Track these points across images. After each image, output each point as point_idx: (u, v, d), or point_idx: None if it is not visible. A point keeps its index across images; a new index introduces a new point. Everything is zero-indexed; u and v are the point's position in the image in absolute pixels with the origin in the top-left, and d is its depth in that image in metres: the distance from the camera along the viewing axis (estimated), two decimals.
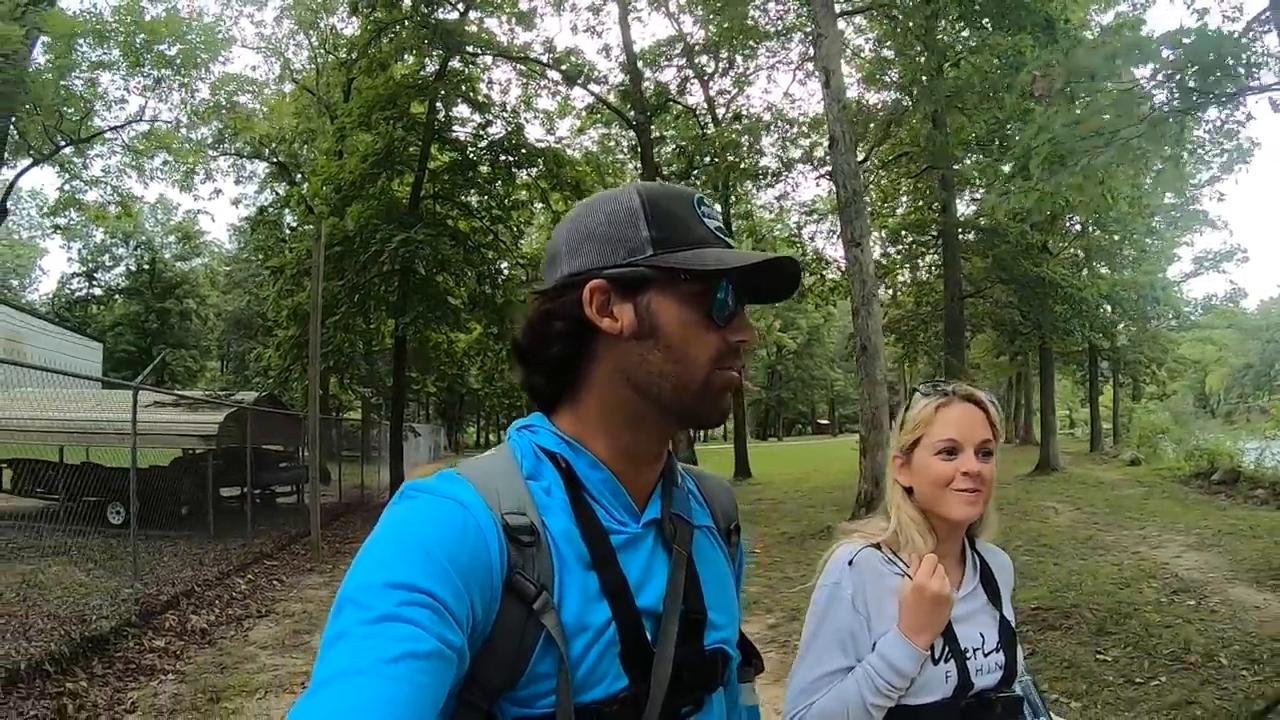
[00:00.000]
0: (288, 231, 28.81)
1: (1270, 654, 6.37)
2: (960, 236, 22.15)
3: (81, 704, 5.68)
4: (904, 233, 26.62)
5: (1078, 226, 24.44)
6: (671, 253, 1.06)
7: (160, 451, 16.09)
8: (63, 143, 12.76)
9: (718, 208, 1.38)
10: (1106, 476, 24.12)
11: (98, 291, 56.83)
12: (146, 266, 54.65)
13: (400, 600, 0.85)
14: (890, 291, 29.22)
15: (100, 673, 6.42)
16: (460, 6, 23.37)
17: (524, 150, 23.88)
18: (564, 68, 24.64)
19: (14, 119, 11.70)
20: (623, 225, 1.08)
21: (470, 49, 23.01)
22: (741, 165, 23.16)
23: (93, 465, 15.67)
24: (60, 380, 13.29)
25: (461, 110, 24.84)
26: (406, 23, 21.51)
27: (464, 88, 23.93)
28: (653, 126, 24.71)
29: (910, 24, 19.86)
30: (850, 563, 1.83)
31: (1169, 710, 5.63)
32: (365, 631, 0.82)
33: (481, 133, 24.68)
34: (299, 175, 26.00)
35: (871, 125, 19.44)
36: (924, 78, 20.00)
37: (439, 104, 23.39)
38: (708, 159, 23.75)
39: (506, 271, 25.15)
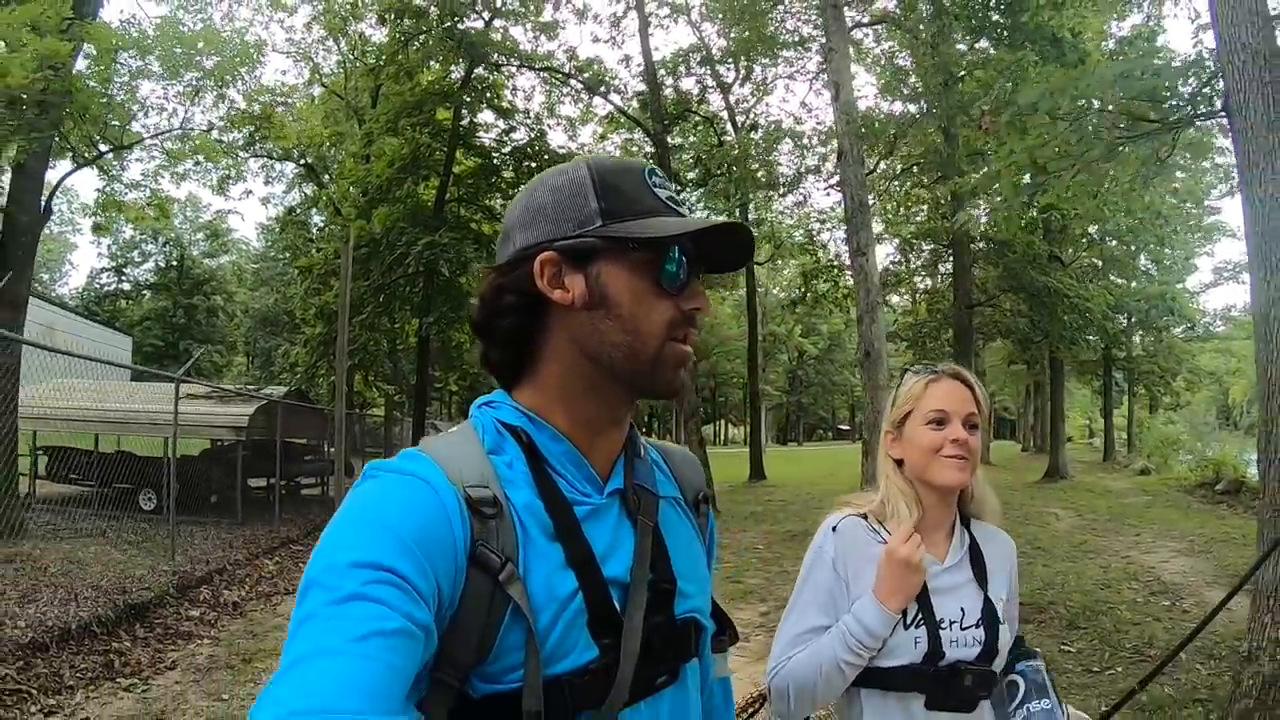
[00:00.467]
0: (315, 232, 29.33)
1: (1229, 651, 6.70)
2: (970, 246, 22.46)
3: (126, 660, 6.36)
4: (916, 241, 26.90)
5: (1091, 237, 24.63)
6: (620, 222, 1.07)
7: (191, 442, 16.63)
8: (105, 148, 13.30)
9: (669, 180, 1.19)
10: (1114, 485, 24.44)
11: (126, 286, 57.50)
12: (175, 263, 55.36)
13: (366, 579, 0.86)
14: (909, 297, 29.51)
15: (142, 636, 7.09)
16: (485, 15, 23.85)
17: (546, 156, 24.16)
18: (585, 76, 25.08)
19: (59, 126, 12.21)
20: (572, 198, 1.09)
21: (495, 57, 23.51)
22: (757, 174, 23.52)
23: (126, 453, 16.33)
24: (97, 371, 13.92)
25: (486, 116, 25.50)
26: (433, 32, 22.00)
27: (488, 94, 24.53)
28: (670, 136, 25.07)
29: (921, 38, 20.27)
30: (834, 529, 1.94)
31: (1117, 697, 6.09)
32: (332, 612, 0.83)
33: (505, 138, 25.23)
34: (327, 177, 26.58)
35: (892, 133, 19.75)
36: (935, 90, 20.37)
37: (464, 110, 23.90)
38: (720, 170, 24.13)
39: None
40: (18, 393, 11.41)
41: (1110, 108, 5.80)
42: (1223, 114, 5.36)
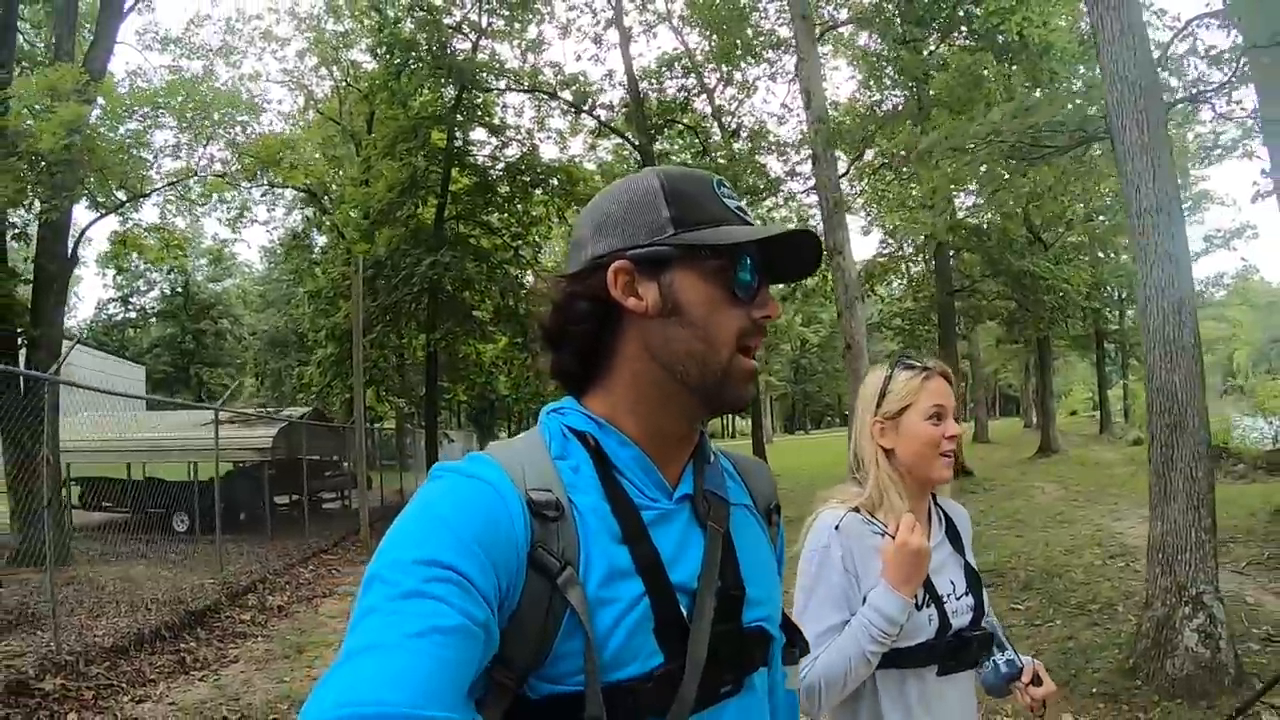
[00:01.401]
0: (319, 254, 30.10)
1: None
2: (949, 234, 23.13)
3: (195, 657, 7.41)
4: (902, 229, 27.50)
5: (1075, 216, 25.13)
6: (692, 230, 1.07)
7: (223, 465, 17.46)
8: (123, 196, 14.16)
9: (734, 191, 1.21)
10: (1105, 457, 25.02)
11: (133, 315, 58.05)
12: (180, 289, 55.81)
13: (426, 576, 0.86)
14: (899, 284, 30.10)
15: (204, 637, 8.13)
16: (473, 36, 24.77)
17: (539, 169, 25.12)
18: (571, 90, 25.82)
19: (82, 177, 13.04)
20: (643, 207, 1.10)
21: (482, 76, 24.36)
22: (748, 178, 24.15)
23: (154, 480, 17.17)
24: (120, 403, 14.64)
25: (479, 134, 26.26)
26: (422, 61, 22.87)
27: (480, 113, 25.29)
28: (656, 145, 25.78)
29: (891, 37, 21.05)
30: (837, 527, 1.99)
31: (1052, 643, 6.95)
32: (392, 607, 0.84)
33: (499, 154, 26.03)
34: (328, 199, 27.35)
35: (868, 132, 20.42)
36: (908, 86, 21.16)
37: (457, 130, 24.70)
38: None
39: (529, 285, 26.03)
40: (58, 429, 12.35)
41: (1007, 140, 6.70)
42: (1106, 136, 6.24)
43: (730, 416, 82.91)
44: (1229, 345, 54.78)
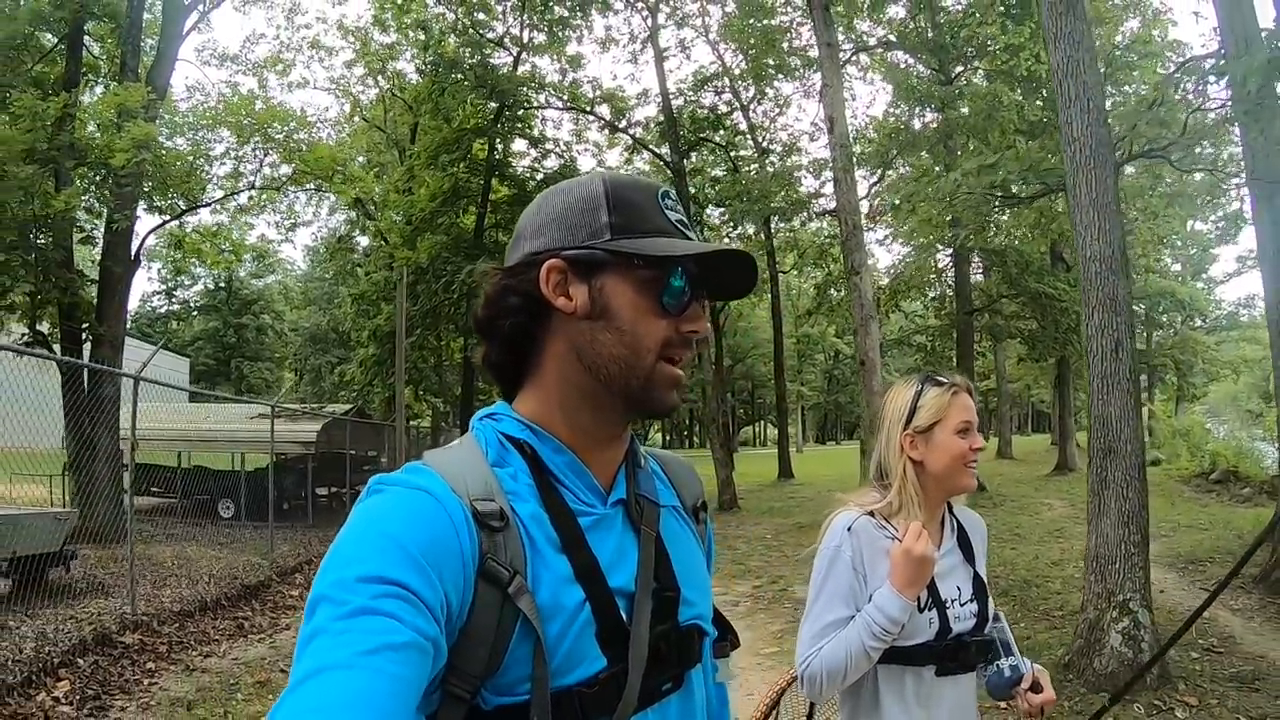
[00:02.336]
0: (363, 256, 31.12)
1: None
2: (969, 255, 23.57)
3: (252, 624, 8.46)
4: (928, 246, 27.97)
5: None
6: (629, 238, 1.08)
7: (262, 457, 18.11)
8: (184, 205, 15.23)
9: (679, 204, 1.21)
10: None
11: (175, 308, 59.22)
12: (223, 284, 56.82)
13: (374, 594, 0.85)
14: (921, 302, 30.52)
15: (258, 608, 9.18)
16: (514, 50, 25.79)
17: None
18: (609, 104, 26.74)
19: (144, 186, 14.10)
20: (584, 210, 1.10)
21: (523, 92, 25.05)
22: (779, 199, 24.68)
23: (201, 468, 18.21)
24: (169, 395, 15.54)
25: (519, 145, 27.19)
26: (465, 78, 23.68)
27: (520, 125, 26.18)
28: (688, 161, 26.53)
29: (920, 59, 21.72)
30: (850, 529, 2.07)
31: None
32: (341, 627, 0.82)
33: (538, 165, 26.89)
34: (373, 206, 28.33)
35: (891, 154, 21.02)
36: (937, 109, 21.78)
37: (497, 142, 25.61)
38: (730, 199, 25.44)
39: None
40: (119, 420, 13.40)
41: (974, 192, 7.49)
42: (1063, 189, 7.00)
43: (765, 426, 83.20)
44: (1263, 368, 54.42)
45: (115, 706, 5.90)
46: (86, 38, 15.76)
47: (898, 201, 9.88)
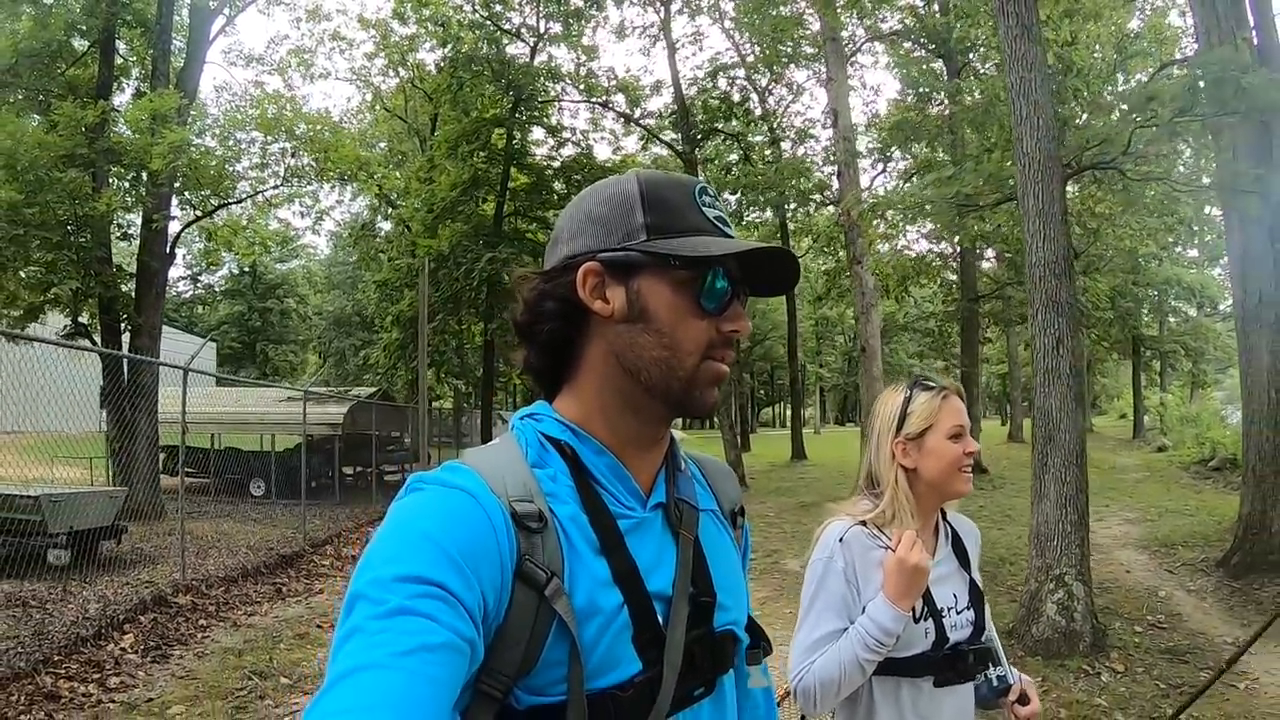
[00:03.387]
0: (385, 242, 31.83)
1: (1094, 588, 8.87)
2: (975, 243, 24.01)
3: (290, 589, 9.43)
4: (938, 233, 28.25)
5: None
6: (665, 239, 1.06)
7: (291, 437, 19.45)
8: (215, 202, 16.07)
9: (719, 200, 1.21)
10: (1124, 462, 25.73)
11: (200, 292, 59.76)
12: (247, 269, 57.26)
13: (411, 593, 0.85)
14: (929, 289, 30.92)
15: (294, 575, 10.16)
16: (531, 40, 26.54)
17: (593, 169, 26.26)
18: (624, 94, 27.41)
19: (177, 185, 14.93)
20: (620, 210, 1.09)
21: (540, 84, 25.89)
22: (795, 188, 25.10)
23: (232, 449, 19.11)
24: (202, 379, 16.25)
25: (536, 133, 27.81)
26: (482, 73, 24.48)
27: (537, 115, 26.82)
28: (699, 150, 27.10)
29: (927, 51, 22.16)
30: (841, 540, 2.04)
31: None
32: (378, 626, 0.82)
33: (555, 154, 27.59)
34: (393, 195, 28.94)
35: (894, 147, 21.44)
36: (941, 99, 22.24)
37: (515, 131, 26.22)
38: (742, 188, 25.96)
39: None
40: (157, 404, 14.34)
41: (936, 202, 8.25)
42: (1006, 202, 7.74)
43: (784, 407, 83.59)
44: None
45: (174, 655, 6.85)
46: (117, 40, 16.47)
47: (868, 208, 10.61)
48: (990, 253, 25.49)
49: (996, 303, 24.41)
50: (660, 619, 1.06)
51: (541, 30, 26.57)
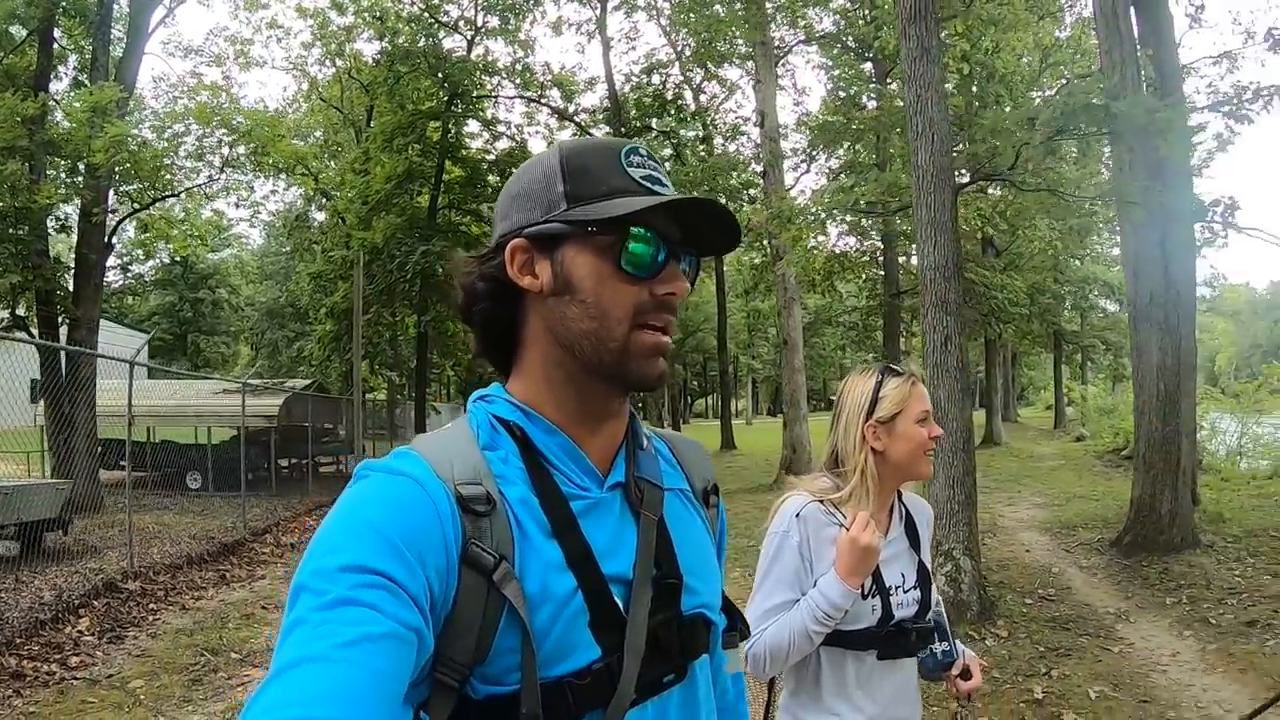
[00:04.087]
0: (319, 233, 31.67)
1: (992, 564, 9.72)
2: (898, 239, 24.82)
3: (234, 575, 9.84)
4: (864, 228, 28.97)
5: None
6: (584, 205, 1.03)
7: (227, 430, 19.39)
8: (153, 195, 16.11)
9: (655, 159, 1.12)
10: (1042, 451, 26.92)
11: (131, 282, 58.53)
12: (179, 259, 56.52)
13: (354, 583, 0.84)
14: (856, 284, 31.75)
15: (236, 562, 10.55)
16: (469, 34, 26.75)
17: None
18: (560, 89, 27.87)
19: (115, 177, 15.04)
20: (542, 184, 1.07)
21: (477, 77, 26.10)
22: (720, 182, 25.59)
23: (169, 442, 19.08)
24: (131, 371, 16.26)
25: (472, 126, 28.05)
26: (419, 68, 24.65)
27: (473, 108, 27.09)
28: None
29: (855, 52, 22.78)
30: (798, 515, 2.11)
31: None
32: (320, 617, 0.81)
33: (490, 147, 27.90)
34: (329, 186, 28.87)
35: (819, 148, 22.10)
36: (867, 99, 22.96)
37: (450, 124, 26.35)
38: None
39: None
40: (95, 399, 14.49)
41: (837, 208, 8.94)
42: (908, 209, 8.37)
43: (712, 399, 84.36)
44: (1206, 350, 56.21)
45: (129, 636, 7.28)
46: (56, 30, 16.44)
47: (770, 217, 11.27)
48: (914, 249, 26.26)
49: (919, 298, 25.18)
50: (620, 603, 1.04)
51: (479, 24, 26.82)
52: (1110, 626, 7.78)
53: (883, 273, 25.57)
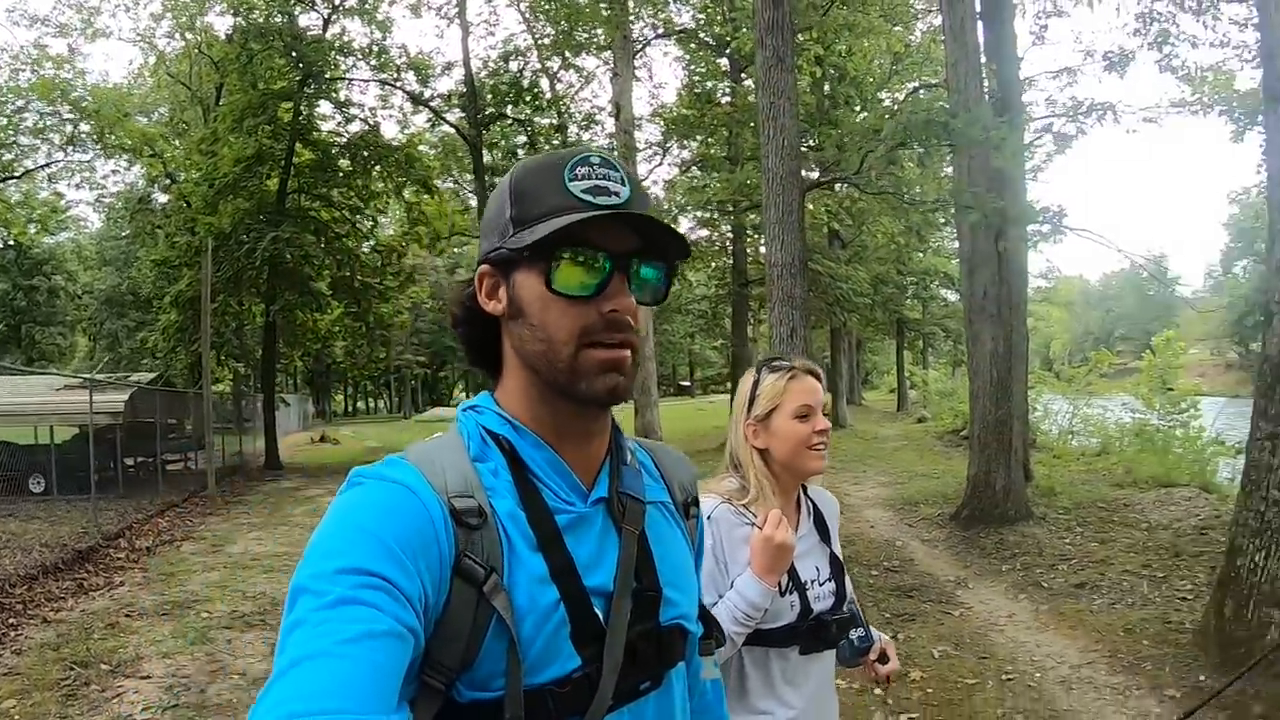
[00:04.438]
0: (162, 217, 29.94)
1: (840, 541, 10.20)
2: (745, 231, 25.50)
3: (90, 583, 9.48)
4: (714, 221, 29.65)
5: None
6: (526, 228, 1.05)
7: (65, 429, 18.52)
8: None
9: (607, 165, 1.10)
10: (885, 432, 28.13)
11: None
12: (11, 244, 53.36)
13: (353, 584, 0.86)
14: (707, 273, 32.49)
15: (92, 570, 10.13)
16: (325, 11, 25.89)
17: (379, 147, 26.43)
18: (416, 72, 27.35)
19: None
20: (497, 208, 1.10)
21: (332, 58, 25.47)
22: None
23: (8, 444, 17.78)
24: None
25: (324, 108, 27.18)
26: (273, 41, 23.90)
27: (326, 88, 26.22)
28: (485, 134, 27.48)
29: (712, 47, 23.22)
30: (709, 518, 2.03)
31: None
32: (321, 617, 0.83)
33: (342, 130, 27.16)
34: (174, 168, 27.62)
35: (673, 141, 22.54)
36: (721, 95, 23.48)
37: (302, 105, 25.53)
38: None
39: (364, 257, 27.74)
40: None
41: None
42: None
43: None
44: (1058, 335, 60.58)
45: None
46: None
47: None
48: (763, 242, 27.02)
49: (766, 289, 25.98)
50: (601, 615, 1.07)
51: (337, 2, 25.97)
52: (951, 593, 8.36)
53: (731, 261, 26.28)
